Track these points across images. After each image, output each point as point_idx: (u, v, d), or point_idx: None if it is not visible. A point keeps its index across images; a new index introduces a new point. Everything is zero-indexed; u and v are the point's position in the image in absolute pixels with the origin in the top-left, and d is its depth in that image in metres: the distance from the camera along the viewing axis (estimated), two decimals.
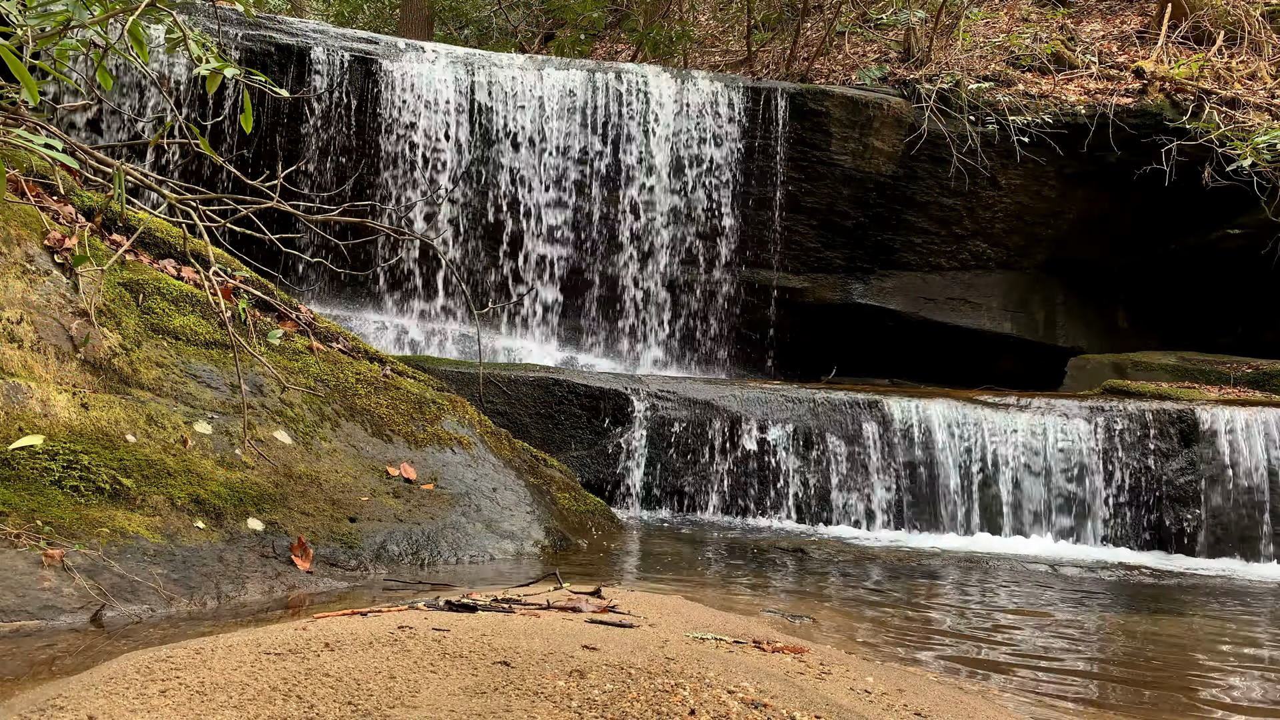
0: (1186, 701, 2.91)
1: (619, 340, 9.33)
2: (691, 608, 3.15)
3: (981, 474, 6.53)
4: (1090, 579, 5.19)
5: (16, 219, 3.90)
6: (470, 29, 16.44)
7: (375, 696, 1.74)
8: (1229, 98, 9.52)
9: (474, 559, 4.18)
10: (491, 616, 2.48)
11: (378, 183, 8.74)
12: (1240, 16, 10.67)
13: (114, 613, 2.86)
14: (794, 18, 11.92)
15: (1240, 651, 3.68)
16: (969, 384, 9.04)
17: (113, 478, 3.31)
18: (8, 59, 2.36)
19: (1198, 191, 9.18)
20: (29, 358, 3.54)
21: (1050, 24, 11.45)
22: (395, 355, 6.58)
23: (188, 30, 3.33)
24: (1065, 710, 2.69)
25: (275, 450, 3.98)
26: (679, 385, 6.86)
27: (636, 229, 9.23)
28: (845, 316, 9.73)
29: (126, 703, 1.68)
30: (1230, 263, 9.75)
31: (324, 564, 3.60)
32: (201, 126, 7.62)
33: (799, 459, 6.53)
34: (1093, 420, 6.66)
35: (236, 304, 4.14)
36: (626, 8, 14.71)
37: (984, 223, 9.72)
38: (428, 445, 4.67)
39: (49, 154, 3.00)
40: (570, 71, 9.22)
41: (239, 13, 8.16)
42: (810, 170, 9.35)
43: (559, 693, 1.79)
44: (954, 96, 9.39)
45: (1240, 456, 6.49)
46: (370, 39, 9.22)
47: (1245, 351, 9.18)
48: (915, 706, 2.27)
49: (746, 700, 1.85)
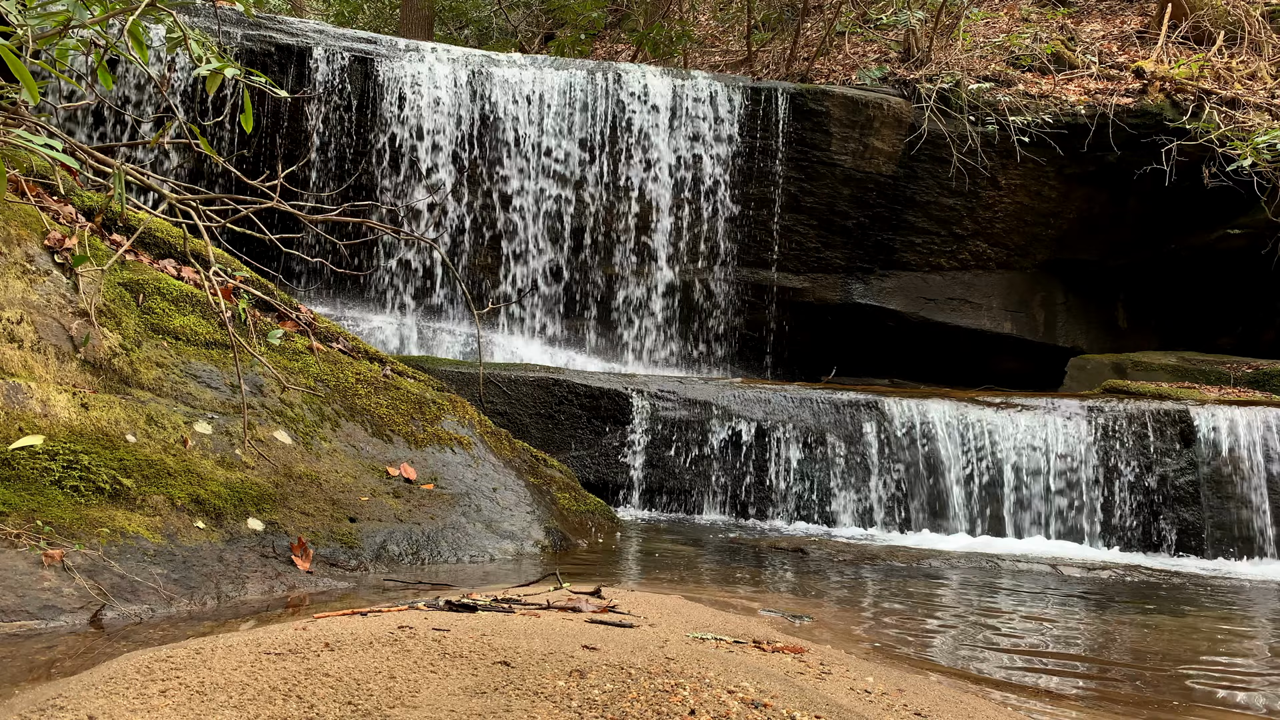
0: (1186, 702, 2.91)
1: (618, 340, 9.34)
2: (691, 608, 3.15)
3: (981, 474, 6.53)
4: (1090, 579, 5.19)
5: (16, 219, 3.90)
6: (470, 29, 16.44)
7: (375, 696, 1.74)
8: (1229, 98, 9.52)
9: (474, 559, 4.18)
10: (491, 616, 2.48)
11: (377, 183, 8.74)
12: (1240, 16, 10.67)
13: (114, 613, 2.86)
14: (794, 18, 11.92)
15: (1240, 652, 3.68)
16: (969, 384, 9.05)
17: (113, 478, 3.31)
18: (8, 59, 2.36)
19: (1198, 191, 9.18)
20: (29, 358, 3.54)
21: (1050, 24, 11.45)
22: (395, 355, 6.59)
23: (188, 30, 3.34)
24: (1065, 710, 2.69)
25: (275, 450, 3.98)
26: (679, 385, 6.86)
27: (636, 229, 9.23)
28: (845, 316, 9.73)
29: (126, 703, 1.68)
30: (1230, 263, 9.75)
31: (324, 564, 3.60)
32: (202, 127, 7.62)
33: (799, 459, 6.53)
34: (1093, 420, 6.66)
35: (236, 304, 4.14)
36: (626, 8, 14.71)
37: (984, 223, 9.72)
38: (428, 445, 4.67)
39: (49, 154, 3.00)
40: (570, 71, 9.22)
41: (239, 13, 8.17)
42: (810, 170, 9.35)
43: (559, 693, 1.79)
44: (954, 96, 9.39)
45: (1240, 456, 6.49)
46: (370, 39, 9.22)
47: (1245, 351, 9.18)
48: (915, 706, 2.27)
49: (746, 700, 1.85)
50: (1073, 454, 6.56)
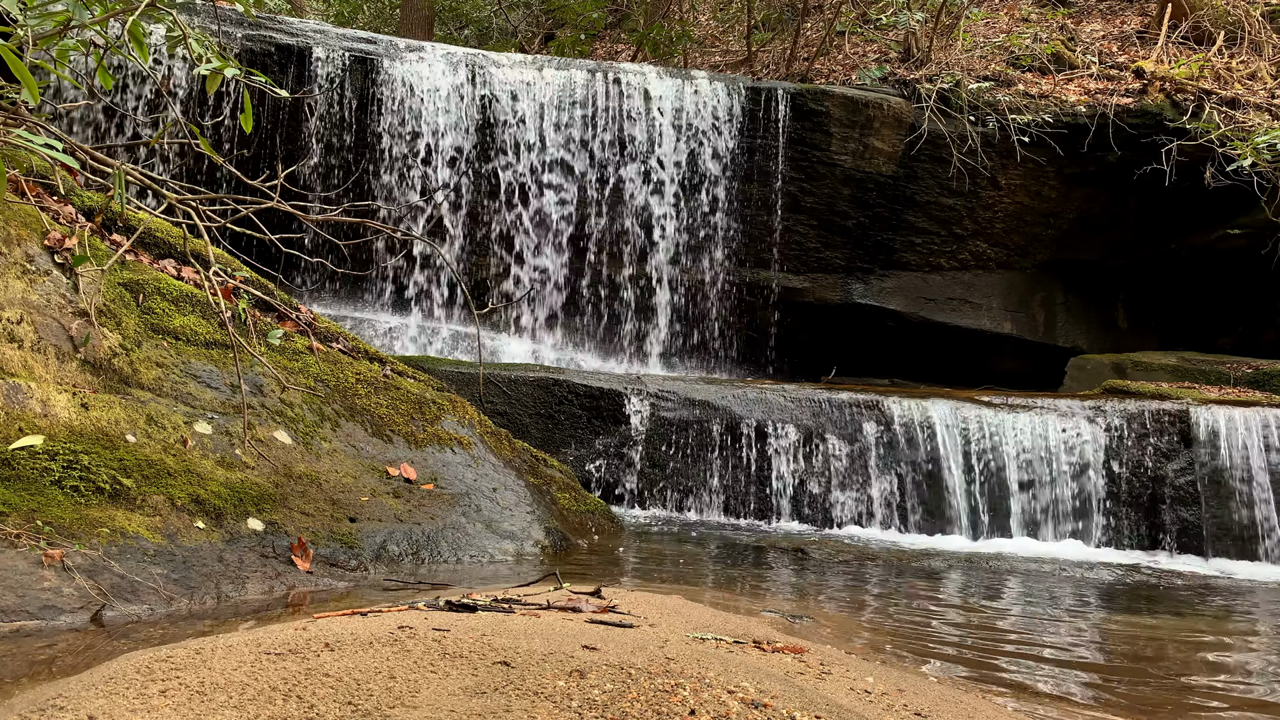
0: (1186, 701, 2.91)
1: (618, 340, 9.33)
2: (691, 608, 3.15)
3: (982, 474, 6.53)
4: (1090, 579, 5.19)
5: (16, 219, 3.90)
6: (470, 29, 16.44)
7: (375, 696, 1.74)
8: (1229, 98, 9.52)
9: (474, 559, 4.18)
10: (491, 616, 2.48)
11: (378, 183, 8.74)
12: (1240, 16, 10.67)
13: (114, 613, 2.86)
14: (794, 18, 11.92)
15: (1240, 651, 3.68)
16: (969, 384, 9.04)
17: (113, 478, 3.31)
18: (8, 59, 2.36)
19: (1198, 191, 9.18)
20: (29, 358, 3.54)
21: (1050, 24, 11.45)
22: (395, 355, 6.58)
23: (188, 30, 3.34)
24: (1065, 710, 2.69)
25: (275, 450, 3.98)
26: (679, 385, 6.86)
27: (636, 228, 9.23)
28: (845, 316, 9.73)
29: (126, 703, 1.68)
30: (1230, 263, 9.75)
31: (324, 564, 3.60)
32: (202, 127, 7.62)
33: (799, 459, 6.53)
34: (1093, 420, 6.66)
35: (236, 304, 4.14)
36: (626, 8, 14.71)
37: (984, 223, 9.72)
38: (428, 445, 4.67)
39: (49, 154, 3.00)
40: (570, 72, 9.22)
41: (239, 13, 8.16)
42: (810, 170, 9.35)
43: (559, 693, 1.79)
44: (954, 96, 9.39)
45: (1240, 456, 6.49)
46: (370, 39, 9.22)
47: (1245, 351, 9.18)
48: (915, 706, 2.27)
49: (746, 700, 1.84)
50: (1073, 454, 6.55)
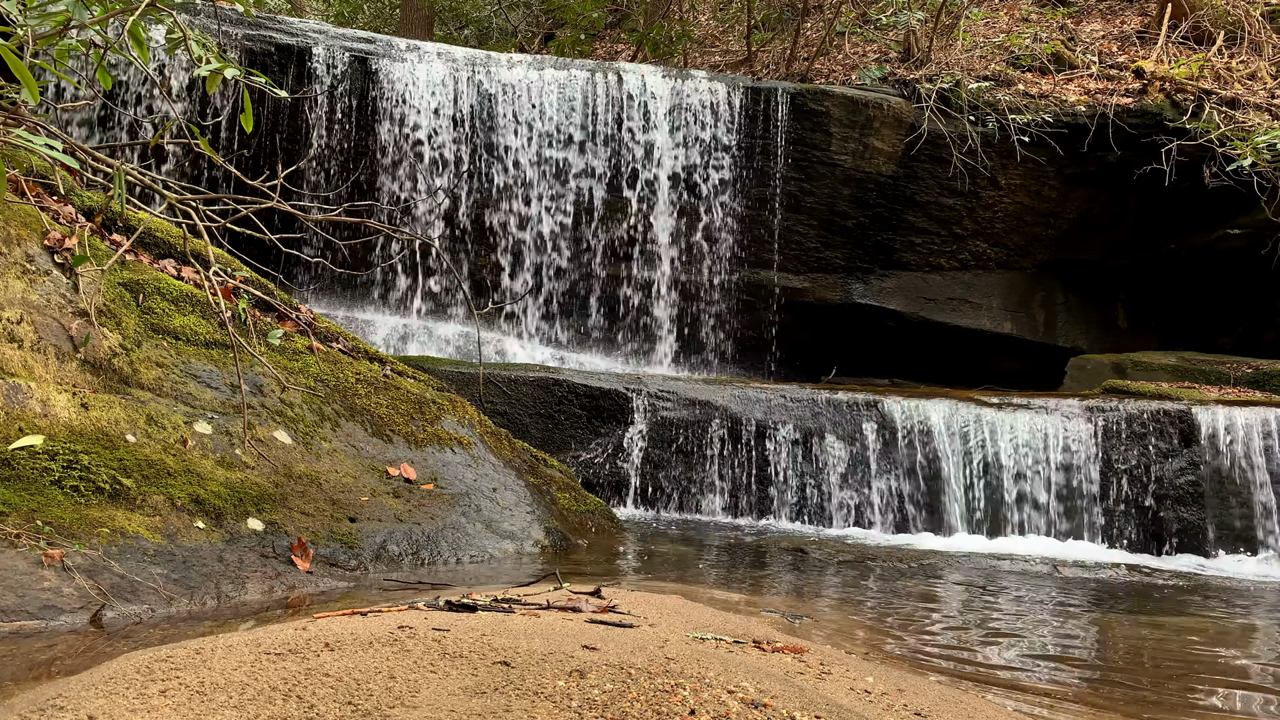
0: (1186, 701, 2.91)
1: (619, 340, 9.33)
2: (691, 608, 3.15)
3: (982, 474, 6.53)
4: (1090, 579, 5.19)
5: (16, 219, 3.90)
6: (470, 29, 16.44)
7: (375, 696, 1.74)
8: (1229, 98, 9.52)
9: (474, 559, 4.18)
10: (491, 616, 2.48)
11: (377, 183, 8.74)
12: (1240, 16, 10.67)
13: (114, 613, 2.86)
14: (794, 18, 11.92)
15: (1240, 651, 3.67)
16: (969, 384, 9.04)
17: (113, 478, 3.31)
18: (8, 59, 2.36)
19: (1198, 191, 9.18)
20: (29, 358, 3.54)
21: (1050, 24, 11.45)
22: (395, 355, 6.58)
23: (188, 30, 3.34)
24: (1065, 710, 2.69)
25: (275, 450, 3.98)
26: (679, 385, 6.86)
27: (636, 228, 9.22)
28: (845, 316, 9.73)
29: (126, 703, 1.68)
30: (1230, 263, 9.75)
31: (324, 564, 3.60)
32: (202, 127, 7.62)
33: (799, 459, 6.53)
34: (1093, 420, 6.66)
35: (236, 304, 4.14)
36: (626, 8, 14.71)
37: (984, 223, 9.72)
38: (428, 445, 4.67)
39: (49, 154, 3.00)
40: (570, 71, 9.22)
41: (239, 13, 8.16)
42: (810, 170, 9.35)
43: (559, 693, 1.79)
44: (954, 96, 9.39)
45: (1240, 456, 6.49)
46: (370, 39, 9.22)
47: (1245, 351, 9.18)
48: (915, 706, 2.27)
49: (746, 700, 1.84)
50: (1073, 454, 6.56)
